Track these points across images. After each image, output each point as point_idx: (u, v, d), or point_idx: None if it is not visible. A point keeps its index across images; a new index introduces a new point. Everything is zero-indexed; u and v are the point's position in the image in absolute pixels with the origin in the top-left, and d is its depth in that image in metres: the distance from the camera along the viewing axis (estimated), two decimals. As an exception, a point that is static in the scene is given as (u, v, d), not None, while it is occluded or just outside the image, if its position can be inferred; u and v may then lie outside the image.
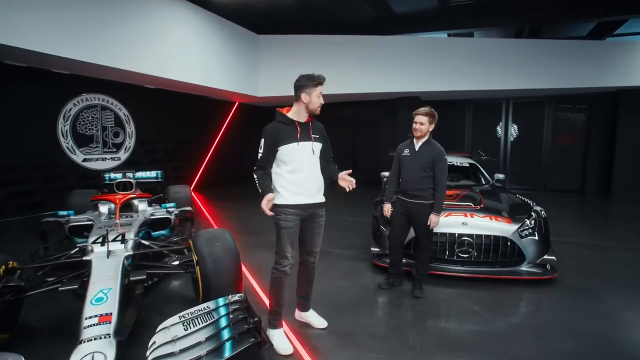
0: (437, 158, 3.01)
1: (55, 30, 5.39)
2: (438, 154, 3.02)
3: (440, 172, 3.01)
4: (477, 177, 5.30)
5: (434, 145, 3.08)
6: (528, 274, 3.39)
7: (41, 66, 6.26)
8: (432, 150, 3.05)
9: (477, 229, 3.46)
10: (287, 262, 2.36)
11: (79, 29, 5.63)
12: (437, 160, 3.00)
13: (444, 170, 3.03)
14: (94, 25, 5.82)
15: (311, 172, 2.40)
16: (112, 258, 2.59)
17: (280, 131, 2.31)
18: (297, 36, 9.59)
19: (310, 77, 2.33)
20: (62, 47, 5.48)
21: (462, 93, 9.37)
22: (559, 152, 9.69)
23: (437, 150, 3.05)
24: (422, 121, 3.04)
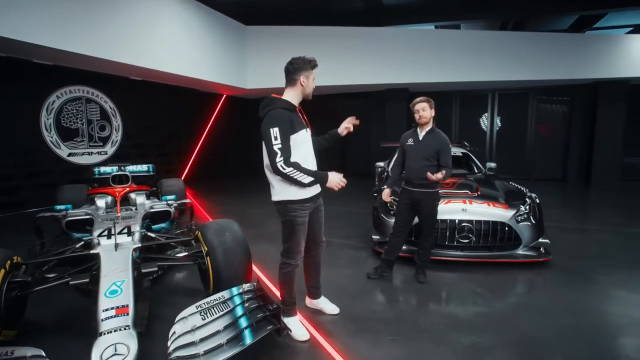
0: (442, 147, 3.07)
1: (37, 19, 5.14)
2: (442, 143, 3.08)
3: (445, 160, 3.07)
4: (470, 166, 5.45)
5: (437, 134, 3.13)
6: (524, 257, 3.54)
7: (22, 56, 5.98)
8: (436, 139, 3.11)
9: (477, 215, 3.57)
10: (300, 256, 2.36)
11: (62, 18, 5.40)
12: (442, 150, 3.06)
13: (449, 159, 3.08)
14: (78, 14, 5.58)
15: (315, 160, 2.37)
16: (121, 250, 2.55)
17: (291, 118, 2.17)
18: (285, 27, 9.49)
19: (307, 60, 2.23)
20: (44, 36, 5.24)
21: (449, 84, 9.53)
22: (542, 142, 10.03)
23: (441, 139, 3.10)
24: (423, 107, 3.08)
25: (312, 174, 2.19)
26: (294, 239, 2.32)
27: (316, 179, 2.21)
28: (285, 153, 2.12)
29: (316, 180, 2.22)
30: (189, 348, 1.96)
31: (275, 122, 2.13)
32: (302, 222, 2.30)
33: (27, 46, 5.29)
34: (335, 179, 2.23)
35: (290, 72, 2.26)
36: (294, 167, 2.13)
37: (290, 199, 2.26)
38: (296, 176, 2.14)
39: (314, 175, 2.20)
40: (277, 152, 2.11)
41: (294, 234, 2.31)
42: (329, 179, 2.22)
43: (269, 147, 2.14)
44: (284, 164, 2.11)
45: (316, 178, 2.20)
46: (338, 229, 5.02)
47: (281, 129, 2.12)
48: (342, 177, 2.25)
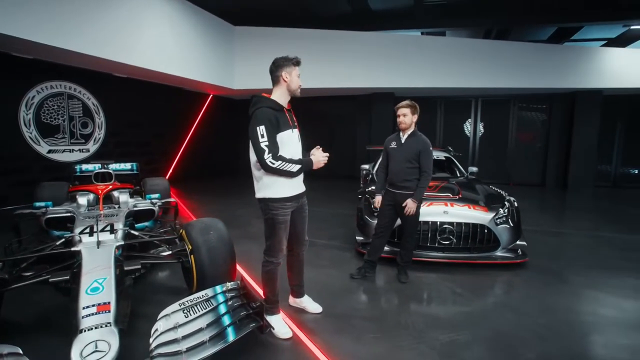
0: (422, 149, 3.15)
1: (18, 10, 5.00)
2: (423, 145, 3.16)
3: (425, 162, 3.15)
4: (453, 170, 5.58)
5: (419, 138, 3.22)
6: (502, 258, 3.65)
7: (0, 49, 5.80)
8: (418, 142, 3.19)
9: (457, 217, 3.67)
10: (282, 254, 2.39)
11: (45, 10, 5.26)
12: (422, 152, 3.14)
13: (429, 161, 3.17)
14: (61, 6, 5.45)
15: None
16: (103, 248, 2.53)
17: (277, 117, 2.21)
18: (273, 29, 9.52)
19: (288, 58, 2.30)
20: (25, 28, 5.09)
21: (434, 90, 9.73)
22: (522, 148, 10.35)
23: (422, 142, 3.18)
24: (405, 113, 3.17)
25: (298, 162, 2.28)
26: (275, 237, 2.35)
27: (303, 165, 2.30)
28: (273, 149, 2.18)
29: (304, 167, 2.30)
30: (172, 345, 1.95)
31: (261, 121, 2.17)
32: (284, 221, 2.34)
33: (5, 38, 5.12)
34: (319, 158, 2.36)
35: (273, 70, 2.32)
36: (282, 160, 2.20)
37: (271, 197, 2.30)
38: (285, 167, 2.21)
39: (300, 162, 2.28)
40: (264, 149, 2.16)
41: (275, 232, 2.34)
42: (313, 159, 2.34)
43: (256, 144, 2.18)
44: (272, 159, 2.17)
45: (303, 165, 2.30)
46: (322, 229, 5.06)
47: (267, 127, 2.17)
48: (323, 154, 2.38)
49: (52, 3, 5.33)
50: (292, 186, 2.36)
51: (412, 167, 3.16)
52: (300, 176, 2.39)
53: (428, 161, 3.16)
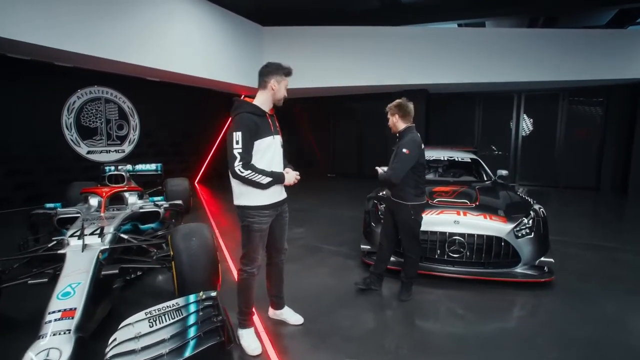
0: (397, 149, 2.87)
1: (57, 24, 5.41)
2: (399, 145, 2.87)
3: (394, 160, 2.84)
4: (480, 173, 5.10)
5: (405, 137, 2.92)
6: (523, 276, 3.22)
7: (44, 59, 6.33)
8: (402, 141, 2.91)
9: (470, 227, 3.30)
10: (257, 264, 2.28)
11: (81, 23, 5.64)
12: (397, 152, 2.86)
13: (398, 159, 2.82)
14: (96, 18, 5.82)
15: (281, 167, 2.31)
16: (87, 251, 2.58)
17: (257, 123, 2.14)
18: (301, 28, 9.44)
19: (281, 66, 2.24)
20: (65, 40, 5.51)
21: (471, 85, 9.05)
22: (573, 147, 9.27)
23: (403, 142, 2.88)
24: (388, 116, 2.96)
25: (269, 174, 2.18)
26: (250, 245, 2.26)
27: (274, 179, 2.19)
28: (245, 157, 2.11)
29: (274, 180, 2.20)
30: (128, 356, 1.91)
31: (239, 127, 2.12)
32: (259, 229, 2.23)
33: (49, 50, 5.59)
34: (290, 178, 2.27)
35: (263, 74, 2.26)
36: (251, 170, 2.12)
37: (248, 204, 2.22)
38: (254, 178, 2.13)
39: (271, 175, 2.18)
40: (236, 157, 2.10)
41: (250, 240, 2.25)
42: (285, 177, 2.25)
43: (229, 151, 2.13)
44: (242, 167, 2.10)
45: (274, 178, 2.19)
46: (333, 234, 4.88)
47: (244, 133, 2.11)
48: (297, 174, 2.31)
49: (87, 15, 5.69)
50: (271, 194, 2.25)
51: None
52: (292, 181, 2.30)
53: (396, 160, 2.84)
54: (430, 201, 3.75)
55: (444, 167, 5.33)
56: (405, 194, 2.87)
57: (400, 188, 2.88)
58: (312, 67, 9.41)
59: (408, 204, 2.88)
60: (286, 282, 3.26)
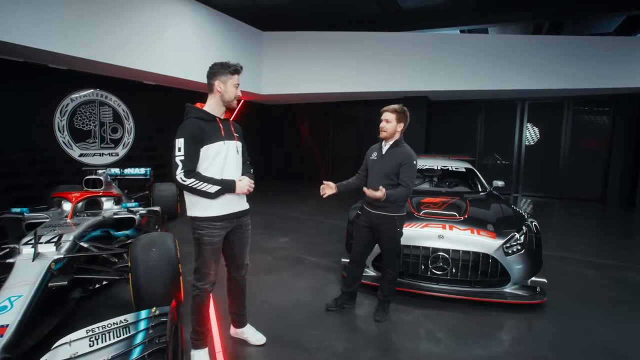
0: (404, 161, 2.66)
1: (51, 27, 5.37)
2: (405, 157, 2.67)
3: (405, 174, 2.63)
4: (475, 184, 4.87)
5: (402, 149, 2.73)
6: (512, 297, 2.98)
7: (38, 61, 6.31)
8: (399, 154, 2.70)
9: (455, 243, 3.08)
10: (209, 280, 2.10)
11: (76, 26, 5.60)
12: (403, 165, 2.65)
13: (410, 174, 2.65)
14: (91, 21, 5.78)
15: (237, 174, 2.15)
16: (38, 261, 2.43)
17: (202, 128, 2.00)
18: (301, 33, 9.35)
19: (225, 65, 2.09)
20: (59, 43, 5.47)
21: (474, 93, 8.83)
22: (578, 158, 8.94)
23: (405, 154, 2.69)
24: (388, 118, 2.72)
25: (218, 183, 2.01)
26: (200, 259, 2.10)
27: (223, 187, 2.02)
28: (188, 165, 1.96)
29: (223, 189, 2.03)
30: (58, 381, 1.75)
31: (182, 133, 1.99)
32: (210, 242, 2.06)
33: (43, 53, 5.56)
34: (242, 185, 2.08)
35: (208, 77, 2.13)
36: (195, 178, 1.96)
37: (197, 215, 2.07)
38: (199, 187, 1.97)
39: (220, 183, 2.01)
40: (178, 164, 1.96)
41: (201, 254, 2.09)
42: (237, 185, 2.07)
43: (172, 158, 1.98)
44: (184, 176, 1.95)
45: (223, 186, 2.02)
46: (318, 245, 4.68)
47: (187, 140, 1.97)
48: (250, 182, 2.12)
49: (82, 18, 5.65)
50: (224, 204, 2.08)
51: (391, 184, 2.66)
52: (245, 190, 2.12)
53: (408, 173, 2.64)
54: (417, 213, 3.55)
55: (439, 176, 5.11)
56: (392, 205, 2.65)
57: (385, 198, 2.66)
58: (311, 72, 9.30)
59: (394, 216, 2.67)
60: (257, 296, 3.09)
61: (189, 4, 7.50)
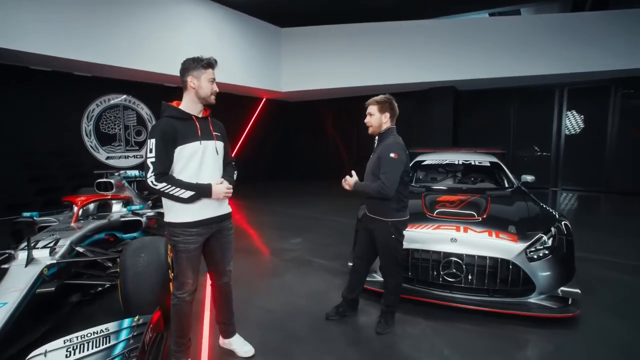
0: (382, 154, 2.38)
1: (76, 36, 5.64)
2: (383, 149, 2.39)
3: (381, 171, 2.33)
4: (502, 179, 4.44)
5: (385, 141, 2.45)
6: (537, 308, 2.61)
7: (64, 70, 6.60)
8: (381, 146, 2.44)
9: (469, 247, 2.76)
10: (187, 289, 1.98)
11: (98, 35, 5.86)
12: (381, 157, 2.37)
13: (386, 171, 2.32)
14: (112, 28, 6.01)
15: (216, 177, 2.00)
16: (31, 266, 2.43)
17: (176, 128, 1.87)
18: (320, 27, 9.14)
19: (197, 59, 1.95)
20: (83, 51, 5.75)
21: (505, 80, 8.18)
22: (627, 147, 8.02)
23: (383, 146, 2.41)
24: (371, 111, 2.49)
25: (192, 187, 1.87)
26: (178, 267, 1.98)
27: (197, 192, 1.89)
28: (159, 167, 1.84)
29: (198, 194, 1.89)
30: (29, 394, 1.70)
31: (154, 133, 1.87)
32: (186, 250, 1.93)
33: (67, 61, 5.83)
34: (219, 190, 1.94)
35: (180, 74, 1.99)
36: (167, 182, 1.84)
37: (171, 221, 1.95)
38: (172, 192, 1.84)
39: (194, 188, 1.88)
40: (149, 167, 1.84)
41: (177, 261, 1.98)
42: (213, 190, 1.92)
43: (144, 160, 1.85)
44: (155, 179, 1.83)
45: (197, 191, 1.89)
46: (330, 246, 4.48)
47: (158, 140, 1.85)
48: (227, 186, 1.97)
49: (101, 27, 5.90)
50: (200, 209, 1.94)
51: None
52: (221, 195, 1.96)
53: (384, 168, 2.33)
54: (429, 213, 3.25)
55: (462, 172, 4.73)
56: (385, 209, 2.41)
57: (379, 201, 2.41)
58: (332, 67, 9.07)
59: (387, 221, 2.42)
60: (254, 301, 2.96)
61: (205, 4, 7.54)
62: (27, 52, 5.31)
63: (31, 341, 2.17)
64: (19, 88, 6.24)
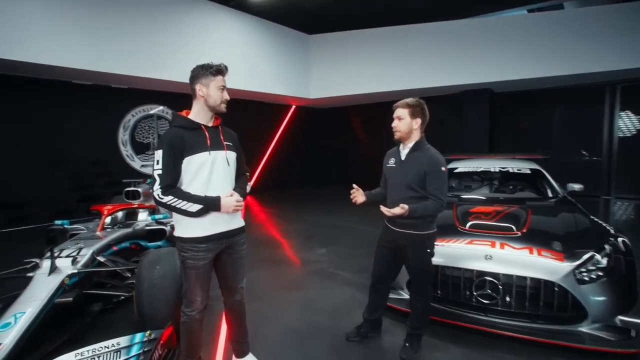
0: (429, 169, 2.16)
1: (115, 51, 5.94)
2: (429, 164, 2.17)
3: (433, 185, 2.14)
4: (544, 187, 4.05)
5: (425, 153, 2.23)
6: (591, 339, 2.27)
7: (103, 83, 6.95)
8: (423, 159, 2.20)
9: (507, 265, 2.48)
10: (196, 306, 1.89)
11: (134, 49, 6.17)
12: (429, 174, 2.16)
13: (439, 184, 2.14)
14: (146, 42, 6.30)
15: (226, 189, 1.90)
16: (54, 275, 2.46)
17: (184, 138, 1.80)
18: (348, 32, 9.04)
19: (206, 66, 1.86)
20: (121, 65, 6.06)
21: (547, 80, 7.60)
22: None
23: (429, 159, 2.19)
24: (400, 115, 2.26)
25: (200, 201, 1.79)
26: (187, 283, 1.91)
27: (206, 205, 1.80)
28: (166, 180, 1.77)
29: (206, 207, 1.80)
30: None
31: (161, 144, 1.81)
32: (194, 266, 1.85)
33: (104, 75, 6.14)
34: (228, 203, 1.83)
35: (190, 83, 1.91)
36: (174, 196, 1.76)
37: (180, 235, 1.88)
38: (179, 205, 1.77)
39: (202, 201, 1.79)
40: (156, 179, 1.78)
41: (186, 278, 1.91)
42: (221, 203, 1.82)
43: (152, 173, 1.81)
44: (161, 193, 1.76)
45: (205, 205, 1.80)
46: (356, 258, 4.28)
47: (165, 151, 1.78)
48: (237, 199, 1.87)
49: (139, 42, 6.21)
50: (209, 223, 1.86)
51: (415, 197, 2.17)
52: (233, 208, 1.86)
53: (437, 183, 2.14)
54: (461, 226, 2.98)
55: (498, 180, 4.38)
56: (419, 221, 2.18)
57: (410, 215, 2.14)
58: (361, 72, 8.92)
59: (423, 234, 2.21)
60: (272, 316, 2.84)
61: (234, 14, 7.69)
62: (73, 68, 5.65)
63: (49, 351, 2.17)
64: (63, 101, 6.64)
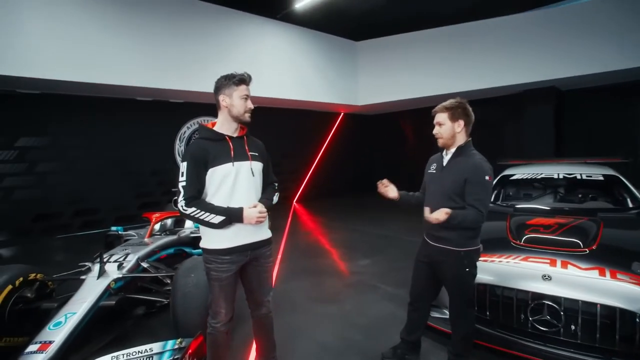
0: (470, 176, 1.94)
1: (172, 67, 6.41)
2: (471, 170, 1.94)
3: (473, 193, 1.91)
4: (622, 196, 3.50)
5: (469, 159, 2.00)
6: (682, 382, 1.86)
7: (162, 98, 7.54)
8: (465, 165, 1.98)
9: (571, 288, 2.13)
10: (220, 319, 1.87)
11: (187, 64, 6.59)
12: (470, 182, 1.93)
13: (481, 198, 1.91)
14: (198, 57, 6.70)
15: (251, 200, 1.87)
16: (102, 279, 2.63)
17: (208, 150, 1.81)
18: (396, 36, 8.82)
19: (228, 76, 1.86)
20: (177, 81, 6.52)
21: (627, 73, 6.65)
22: None
23: (471, 166, 1.96)
24: (440, 120, 2.07)
25: (222, 212, 1.78)
26: (212, 296, 1.91)
27: (228, 217, 1.79)
28: (190, 191, 1.79)
29: (229, 219, 1.79)
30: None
31: (186, 156, 1.84)
32: (218, 278, 1.84)
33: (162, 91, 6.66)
34: (251, 214, 1.80)
35: (214, 94, 1.93)
36: (197, 207, 1.77)
37: (205, 247, 1.89)
38: (202, 217, 1.78)
39: (225, 213, 1.78)
40: (180, 191, 1.81)
41: (211, 290, 1.91)
42: (244, 215, 1.80)
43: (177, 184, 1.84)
44: (185, 204, 1.78)
45: (228, 216, 1.79)
46: (400, 270, 4.05)
47: (189, 163, 1.81)
48: (260, 210, 1.83)
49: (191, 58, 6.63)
50: (234, 235, 1.85)
51: (456, 207, 1.95)
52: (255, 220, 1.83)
53: (478, 194, 1.91)
54: (515, 241, 2.65)
55: (564, 188, 3.90)
56: (457, 236, 1.97)
57: (446, 227, 1.94)
58: (410, 76, 8.63)
59: (460, 251, 1.99)
60: (306, 330, 2.75)
61: (280, 26, 7.93)
62: (136, 87, 6.20)
63: (94, 350, 2.31)
64: (127, 116, 7.30)
